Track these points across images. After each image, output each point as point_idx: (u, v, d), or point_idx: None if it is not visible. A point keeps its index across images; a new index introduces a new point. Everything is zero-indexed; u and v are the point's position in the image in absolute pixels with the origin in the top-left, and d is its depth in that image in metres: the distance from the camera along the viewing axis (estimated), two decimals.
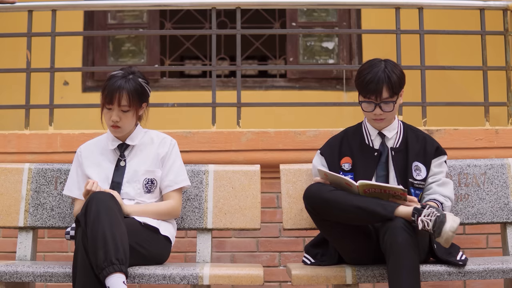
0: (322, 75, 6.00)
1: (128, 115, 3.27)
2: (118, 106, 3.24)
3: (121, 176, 3.30)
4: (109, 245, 2.85)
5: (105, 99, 3.24)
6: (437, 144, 3.34)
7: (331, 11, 6.11)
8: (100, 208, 2.93)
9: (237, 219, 3.50)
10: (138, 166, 3.32)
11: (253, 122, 4.30)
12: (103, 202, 2.96)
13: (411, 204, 3.04)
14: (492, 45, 4.37)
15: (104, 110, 3.28)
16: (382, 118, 3.26)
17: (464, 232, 4.06)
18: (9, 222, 3.51)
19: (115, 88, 3.22)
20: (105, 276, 2.83)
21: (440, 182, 3.26)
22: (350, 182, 3.06)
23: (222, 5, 4.65)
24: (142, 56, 6.15)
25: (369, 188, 3.05)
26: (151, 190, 3.32)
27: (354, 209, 3.00)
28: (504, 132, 4.08)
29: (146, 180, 3.32)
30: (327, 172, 3.15)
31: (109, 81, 3.25)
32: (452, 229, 2.88)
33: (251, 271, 3.09)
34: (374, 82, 3.18)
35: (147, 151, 3.36)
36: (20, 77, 4.35)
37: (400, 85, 3.23)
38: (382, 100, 3.21)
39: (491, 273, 3.08)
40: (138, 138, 3.37)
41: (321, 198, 3.05)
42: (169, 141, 3.40)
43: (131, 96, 3.24)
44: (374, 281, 3.10)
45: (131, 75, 3.28)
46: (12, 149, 4.01)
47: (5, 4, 4.23)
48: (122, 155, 3.34)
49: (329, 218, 3.06)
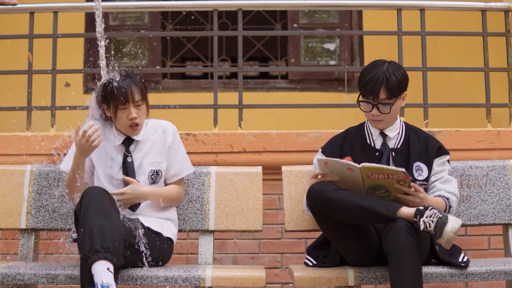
0: (323, 77, 6.00)
1: (143, 109, 3.28)
2: (133, 103, 3.23)
3: (132, 173, 3.28)
4: (94, 235, 2.83)
5: (118, 101, 3.21)
6: (439, 144, 3.33)
7: (333, 12, 6.11)
8: (91, 201, 2.94)
9: (239, 220, 3.50)
10: (143, 159, 3.32)
11: (255, 124, 4.30)
12: (94, 195, 2.97)
13: (416, 193, 3.04)
14: (494, 46, 4.37)
15: (119, 113, 3.24)
16: (380, 119, 3.26)
17: (466, 234, 4.06)
18: (11, 224, 3.51)
19: (125, 86, 3.21)
20: (90, 265, 2.80)
21: (443, 179, 3.26)
22: (352, 165, 3.04)
23: (224, 7, 4.65)
24: (144, 58, 6.15)
25: (372, 173, 3.02)
26: (156, 181, 3.33)
27: (357, 209, 3.00)
28: (506, 133, 4.07)
29: (152, 171, 3.32)
30: (327, 159, 3.13)
31: (113, 85, 3.22)
32: (453, 230, 2.88)
33: (253, 273, 3.09)
34: (372, 83, 3.19)
35: (151, 142, 3.35)
36: (21, 79, 4.35)
37: (399, 87, 3.22)
38: (379, 101, 3.21)
39: (493, 274, 3.08)
40: (142, 131, 3.35)
41: (324, 197, 3.05)
42: (171, 129, 3.40)
43: (141, 89, 3.25)
44: (376, 282, 3.09)
45: (124, 72, 3.30)
46: (13, 151, 4.01)
47: (6, 5, 4.23)
48: (128, 150, 3.32)
49: (332, 217, 3.06)
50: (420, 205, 3.05)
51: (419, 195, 3.07)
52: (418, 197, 3.07)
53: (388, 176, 3.03)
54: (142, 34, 6.06)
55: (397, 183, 3.05)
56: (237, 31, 4.26)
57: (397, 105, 3.26)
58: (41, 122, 4.36)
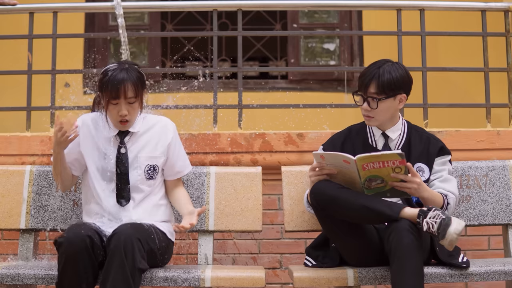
0: (323, 77, 6.00)
1: (135, 106, 3.19)
2: (125, 99, 3.15)
3: (126, 164, 3.23)
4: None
5: (110, 95, 3.13)
6: (441, 144, 3.33)
7: (332, 12, 6.11)
8: (65, 265, 2.92)
9: (239, 221, 3.50)
10: (139, 152, 3.27)
11: (255, 124, 4.30)
12: (70, 259, 2.91)
13: (413, 179, 3.03)
14: (494, 46, 4.37)
15: (110, 107, 3.17)
16: (370, 115, 3.25)
17: (466, 234, 4.06)
18: (10, 224, 3.51)
19: (119, 81, 3.12)
20: None
21: (442, 178, 3.25)
22: (348, 158, 3.02)
23: (223, 7, 4.65)
24: (143, 58, 6.15)
25: (367, 163, 3.01)
26: (153, 176, 3.28)
27: (360, 208, 3.00)
28: (505, 133, 4.07)
29: (148, 166, 3.27)
30: (323, 153, 3.13)
31: (109, 76, 3.14)
32: (456, 232, 2.88)
33: (252, 273, 3.09)
34: (364, 76, 3.22)
35: (147, 137, 3.30)
36: (21, 79, 4.35)
37: (391, 86, 3.19)
38: (369, 95, 3.21)
39: (493, 275, 3.08)
40: (139, 124, 3.29)
41: (328, 195, 3.05)
42: (172, 126, 3.37)
43: (136, 86, 3.15)
44: (376, 283, 3.09)
45: (126, 64, 3.21)
46: (13, 151, 4.00)
47: (6, 5, 4.23)
48: (122, 141, 3.26)
49: (334, 215, 3.06)
50: (418, 191, 3.05)
51: (416, 180, 3.05)
52: (415, 183, 3.05)
53: (383, 165, 3.00)
54: (142, 34, 6.06)
55: (392, 171, 3.02)
56: (237, 31, 4.26)
57: (389, 104, 3.22)
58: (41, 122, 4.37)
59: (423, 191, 3.09)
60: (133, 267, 2.89)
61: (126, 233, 2.94)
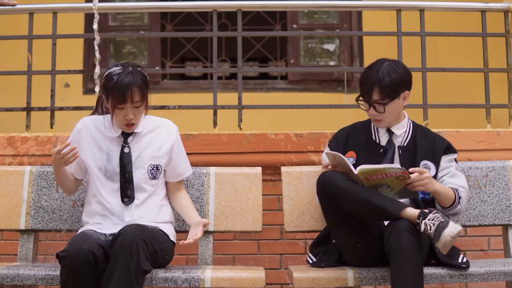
0: (323, 77, 6.00)
1: (141, 109, 3.18)
2: (132, 103, 3.13)
3: (129, 164, 3.23)
4: None
5: (117, 100, 3.11)
6: (447, 143, 3.33)
7: (332, 13, 6.11)
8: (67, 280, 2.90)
9: (239, 221, 3.50)
10: (142, 152, 3.26)
11: (254, 124, 4.29)
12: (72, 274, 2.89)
13: (420, 176, 3.04)
14: (494, 47, 4.37)
15: (116, 111, 3.15)
16: (378, 118, 3.26)
17: (466, 234, 4.06)
18: (10, 224, 3.51)
19: (125, 86, 3.10)
20: None
21: (451, 174, 3.26)
22: (352, 169, 3.07)
23: (223, 7, 4.65)
24: (143, 58, 6.15)
25: (370, 175, 3.04)
26: (156, 176, 3.28)
27: (363, 201, 3.01)
28: (505, 134, 4.07)
29: (152, 166, 3.27)
30: (335, 153, 3.15)
31: (114, 81, 3.11)
32: (451, 234, 2.88)
33: (252, 274, 3.09)
34: (365, 84, 3.22)
35: (150, 137, 3.30)
36: (21, 80, 4.35)
37: (394, 88, 3.20)
38: (373, 102, 3.21)
39: (492, 275, 3.08)
40: (142, 124, 3.29)
41: (334, 185, 3.06)
42: (174, 128, 3.37)
43: (142, 90, 3.14)
44: (375, 283, 3.09)
45: (130, 67, 3.18)
46: (13, 152, 4.00)
47: (6, 6, 4.23)
48: (126, 141, 3.26)
49: (338, 206, 3.07)
50: (431, 185, 3.07)
51: (424, 175, 3.06)
52: (425, 179, 3.06)
53: (386, 175, 3.04)
54: (142, 35, 6.06)
55: (396, 179, 3.05)
56: (237, 31, 4.26)
57: (395, 105, 3.24)
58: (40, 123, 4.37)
59: (435, 184, 3.11)
60: (138, 268, 2.88)
61: (131, 234, 2.92)
